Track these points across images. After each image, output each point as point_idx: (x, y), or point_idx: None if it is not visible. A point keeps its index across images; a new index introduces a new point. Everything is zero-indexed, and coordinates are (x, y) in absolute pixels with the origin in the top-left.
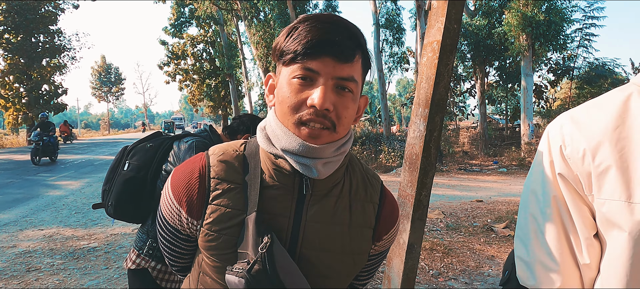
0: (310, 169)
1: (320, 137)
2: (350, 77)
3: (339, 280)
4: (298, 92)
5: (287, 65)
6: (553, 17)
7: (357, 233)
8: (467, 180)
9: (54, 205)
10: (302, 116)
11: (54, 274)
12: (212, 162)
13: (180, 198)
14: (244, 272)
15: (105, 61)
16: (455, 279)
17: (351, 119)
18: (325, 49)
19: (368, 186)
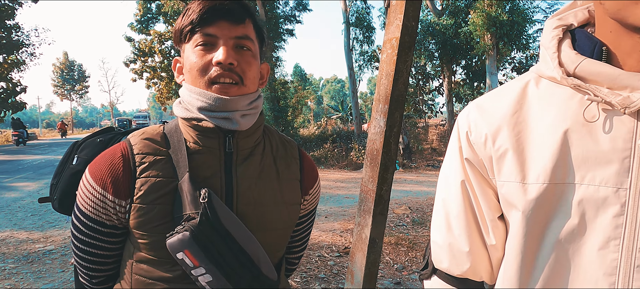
0: (230, 122)
1: (230, 91)
2: (245, 35)
3: (277, 232)
4: (203, 57)
5: (188, 41)
6: (516, 18)
7: (286, 185)
8: (434, 176)
9: (8, 207)
10: (211, 74)
11: (6, 278)
12: (133, 142)
13: (103, 181)
14: (187, 225)
15: (67, 58)
16: (418, 272)
17: (255, 75)
18: (219, 14)
19: (287, 146)
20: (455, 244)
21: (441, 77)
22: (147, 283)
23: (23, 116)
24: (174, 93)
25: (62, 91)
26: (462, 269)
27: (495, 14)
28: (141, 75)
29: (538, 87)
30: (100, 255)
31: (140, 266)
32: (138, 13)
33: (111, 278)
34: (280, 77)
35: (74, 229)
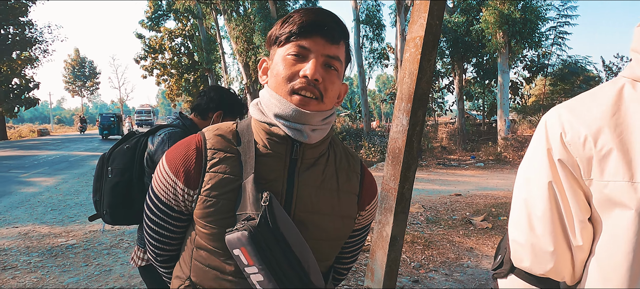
0: (301, 133)
1: (309, 105)
2: (336, 56)
3: (329, 242)
4: (292, 66)
5: (281, 46)
6: (529, 15)
7: (344, 197)
8: (445, 174)
9: (28, 202)
10: (295, 84)
11: (32, 272)
12: (207, 136)
13: (177, 170)
14: (246, 225)
15: (79, 55)
16: (435, 271)
17: (335, 95)
18: (317, 30)
19: (350, 159)
20: (538, 244)
21: (452, 75)
22: (204, 269)
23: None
24: (183, 89)
25: (74, 87)
26: (544, 268)
27: (507, 12)
28: (151, 72)
29: (635, 89)
30: (167, 236)
31: (200, 253)
32: (149, 10)
33: (174, 258)
34: None
35: (147, 209)
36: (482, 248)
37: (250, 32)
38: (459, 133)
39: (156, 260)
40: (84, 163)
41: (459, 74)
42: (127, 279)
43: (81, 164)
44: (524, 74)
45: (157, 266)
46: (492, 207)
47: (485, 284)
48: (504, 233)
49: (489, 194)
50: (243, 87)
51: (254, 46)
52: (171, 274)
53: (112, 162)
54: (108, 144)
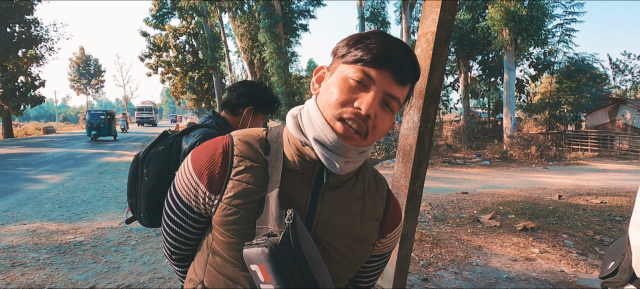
0: (333, 164)
1: (351, 139)
2: (397, 98)
3: (346, 266)
4: (349, 92)
5: (348, 64)
6: (535, 13)
7: (367, 223)
8: (451, 172)
9: (35, 199)
10: (345, 112)
11: (41, 269)
12: (235, 142)
13: (201, 172)
14: (267, 241)
15: (84, 53)
16: (444, 269)
17: (382, 135)
18: (388, 64)
19: (378, 183)
20: None
21: (457, 72)
22: (218, 277)
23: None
24: (188, 87)
25: (79, 85)
26: None
27: (514, 9)
28: (156, 69)
29: None
30: (183, 235)
31: (215, 259)
32: (153, 8)
33: (188, 258)
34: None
35: (167, 205)
36: (491, 246)
37: (255, 30)
38: (464, 131)
39: (171, 257)
40: (90, 160)
41: (465, 71)
42: (135, 276)
43: (87, 162)
44: (529, 72)
45: (171, 264)
46: (500, 205)
47: (495, 283)
48: (513, 231)
49: (496, 192)
50: None
51: (259, 44)
52: (184, 273)
53: (147, 164)
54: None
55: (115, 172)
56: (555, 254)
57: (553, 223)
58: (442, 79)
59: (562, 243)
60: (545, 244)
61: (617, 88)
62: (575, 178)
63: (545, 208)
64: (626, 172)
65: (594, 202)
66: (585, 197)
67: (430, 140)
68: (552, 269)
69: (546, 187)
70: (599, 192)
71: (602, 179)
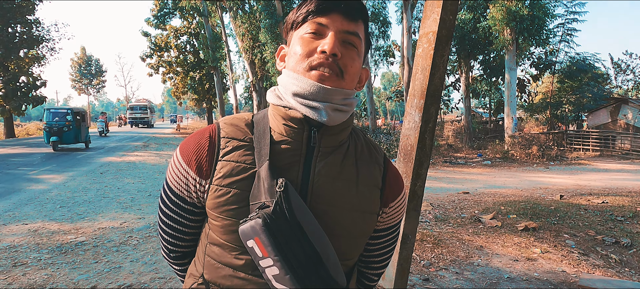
0: (320, 112)
1: (330, 80)
2: (355, 32)
3: (349, 239)
4: (309, 43)
5: (297, 28)
6: (536, 12)
7: (364, 190)
8: (452, 172)
9: (37, 199)
10: (313, 60)
11: (42, 268)
12: (222, 125)
13: (189, 159)
14: (260, 213)
15: (85, 53)
16: (446, 269)
17: (356, 73)
18: (335, 7)
19: (372, 150)
20: None
21: (458, 72)
22: (217, 266)
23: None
24: (189, 87)
25: (80, 85)
26: None
27: (515, 9)
28: (157, 69)
29: None
30: (180, 230)
31: (213, 249)
32: (155, 8)
33: (187, 255)
34: None
35: (161, 201)
36: (492, 247)
37: (256, 30)
38: (465, 131)
39: (169, 256)
40: (91, 160)
41: (466, 71)
42: (137, 276)
43: (88, 162)
44: (531, 72)
45: (170, 264)
46: (501, 206)
47: (496, 283)
48: (514, 231)
49: (497, 192)
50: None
51: (260, 44)
52: (184, 272)
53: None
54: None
55: (116, 172)
56: (556, 254)
57: (554, 223)
58: (444, 79)
59: (563, 243)
60: (546, 244)
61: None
62: (577, 178)
63: (547, 208)
64: (628, 172)
65: (596, 202)
66: (586, 197)
67: (431, 140)
68: (553, 269)
69: (547, 187)
70: (600, 192)
71: (603, 179)
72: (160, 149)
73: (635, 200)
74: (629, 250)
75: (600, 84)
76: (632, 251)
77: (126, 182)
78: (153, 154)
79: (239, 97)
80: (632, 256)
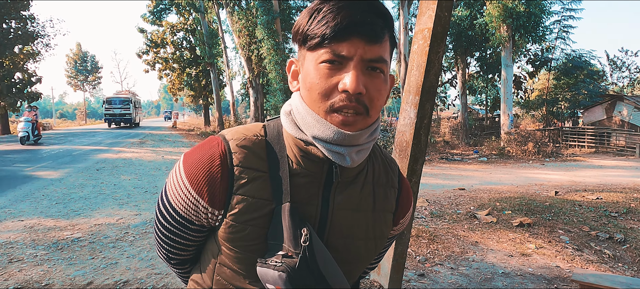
0: (344, 158)
1: (355, 124)
2: (380, 57)
3: (361, 264)
4: (327, 78)
5: (312, 50)
6: (533, 9)
7: (379, 217)
8: (449, 169)
9: (33, 195)
10: (335, 102)
11: (38, 265)
12: (233, 149)
13: (199, 188)
14: (283, 265)
15: (81, 49)
16: (441, 265)
17: (383, 103)
18: (355, 31)
19: (389, 171)
20: None
21: (455, 69)
22: (228, 287)
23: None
24: (185, 84)
25: (76, 81)
26: None
27: (511, 5)
28: (153, 66)
29: None
30: (182, 244)
31: (224, 270)
32: (151, 4)
33: (188, 261)
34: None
35: (161, 216)
36: (487, 242)
37: (253, 26)
38: (461, 128)
39: (169, 261)
40: (87, 157)
41: (462, 68)
42: (133, 272)
43: (85, 158)
44: (527, 69)
45: (170, 266)
46: (497, 202)
47: (491, 279)
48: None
49: (493, 188)
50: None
51: (257, 40)
52: (185, 273)
53: None
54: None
55: (112, 168)
56: (551, 249)
57: (549, 218)
58: (439, 75)
59: (558, 238)
60: (541, 240)
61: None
62: (572, 174)
63: (542, 204)
64: (622, 168)
65: (590, 198)
66: (581, 193)
67: (426, 136)
68: (547, 264)
69: (543, 183)
70: (595, 189)
71: (598, 175)
72: (156, 146)
73: (629, 196)
74: (622, 246)
75: (596, 81)
76: (625, 246)
77: (122, 179)
78: (149, 150)
79: (236, 94)
80: (625, 251)
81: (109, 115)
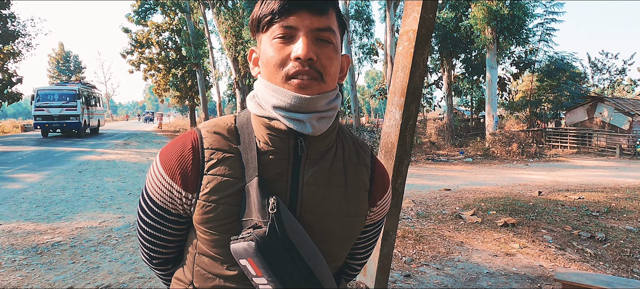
0: (304, 125)
1: (310, 88)
2: (327, 27)
3: (338, 243)
4: (280, 50)
5: (265, 31)
6: (517, 12)
7: (353, 195)
8: (434, 169)
9: (12, 198)
10: (289, 70)
11: (16, 270)
12: (204, 134)
13: (172, 172)
14: (252, 234)
15: (63, 49)
16: (427, 265)
17: (336, 71)
18: (300, 4)
19: (359, 151)
20: None
21: (440, 70)
22: (207, 276)
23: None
24: (171, 85)
25: (58, 81)
26: None
27: (496, 8)
28: (138, 66)
29: None
30: (163, 239)
31: (202, 259)
32: (135, 4)
33: (170, 261)
34: None
35: (141, 210)
36: (472, 242)
37: (239, 27)
38: (447, 129)
39: (151, 262)
40: (69, 159)
41: (448, 69)
42: (115, 276)
43: (66, 160)
44: (511, 70)
45: (152, 268)
46: (481, 202)
47: (476, 278)
48: (494, 227)
49: (478, 188)
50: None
51: (243, 41)
52: (167, 275)
53: None
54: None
55: (95, 170)
56: (534, 249)
57: (533, 218)
58: (424, 77)
59: (541, 238)
60: (525, 240)
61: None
62: (555, 174)
63: (526, 204)
64: (603, 168)
65: (572, 198)
66: (564, 193)
67: (411, 137)
68: (531, 264)
69: (527, 183)
70: (577, 188)
71: (580, 175)
72: (141, 147)
73: (609, 196)
74: (603, 244)
75: (578, 83)
76: (606, 245)
77: (106, 181)
78: (134, 152)
79: (222, 95)
80: (606, 250)
81: (42, 118)
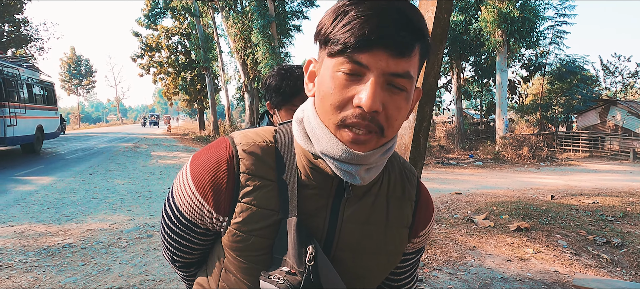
0: (353, 177)
1: (366, 144)
2: (405, 73)
3: (372, 280)
4: (343, 88)
5: (332, 57)
6: (527, 14)
7: (393, 232)
8: (444, 173)
9: (24, 200)
10: (347, 117)
11: (28, 271)
12: (240, 155)
13: (205, 192)
14: (287, 282)
15: (75, 53)
16: (439, 270)
17: (402, 121)
18: (379, 42)
19: (405, 182)
20: None
21: (450, 73)
22: None
23: None
24: (180, 88)
25: (69, 85)
26: None
27: (506, 10)
28: (148, 70)
29: None
30: (188, 247)
31: (229, 277)
32: (146, 8)
33: (193, 264)
34: None
35: (167, 217)
36: (485, 247)
37: (248, 30)
38: (457, 132)
39: (174, 264)
40: (80, 162)
41: (457, 72)
42: (126, 278)
43: (78, 163)
44: (521, 73)
45: (174, 269)
46: (493, 206)
47: (490, 284)
48: (506, 231)
49: (489, 192)
50: (241, 86)
51: (252, 44)
52: (189, 276)
53: None
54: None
55: (106, 173)
56: (549, 254)
57: (546, 223)
58: (438, 78)
59: (555, 243)
60: (539, 245)
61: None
62: (567, 178)
63: (538, 208)
64: (617, 172)
65: (586, 202)
66: (577, 197)
67: (425, 139)
68: (546, 269)
69: (539, 187)
70: (591, 193)
71: (593, 179)
72: (151, 150)
73: (624, 200)
74: (619, 250)
75: (590, 86)
76: (622, 250)
77: (116, 183)
78: (143, 155)
79: (231, 98)
80: (623, 255)
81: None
